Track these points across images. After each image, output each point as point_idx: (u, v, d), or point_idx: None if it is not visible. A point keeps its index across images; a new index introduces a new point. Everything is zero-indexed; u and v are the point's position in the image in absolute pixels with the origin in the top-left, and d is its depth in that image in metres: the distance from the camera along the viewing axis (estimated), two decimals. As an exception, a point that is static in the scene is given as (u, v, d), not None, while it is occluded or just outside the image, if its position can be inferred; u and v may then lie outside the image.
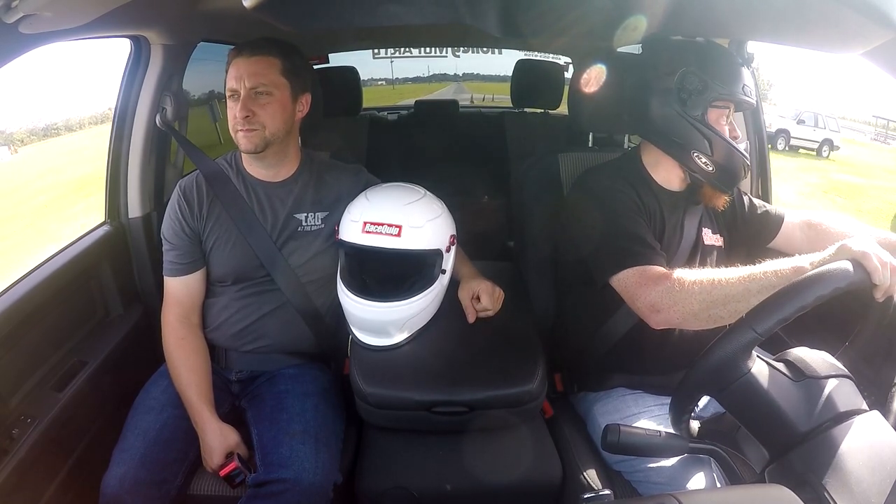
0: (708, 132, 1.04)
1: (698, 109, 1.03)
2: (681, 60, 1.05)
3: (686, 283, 0.89)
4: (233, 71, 1.09)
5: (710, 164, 1.05)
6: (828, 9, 0.75)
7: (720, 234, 1.17)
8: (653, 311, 0.92)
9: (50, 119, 10.03)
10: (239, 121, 1.08)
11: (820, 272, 0.70)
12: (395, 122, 2.97)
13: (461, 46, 4.00)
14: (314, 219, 1.18)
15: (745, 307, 0.75)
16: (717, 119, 1.04)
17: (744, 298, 0.83)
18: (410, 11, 0.85)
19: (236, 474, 1.02)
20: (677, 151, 1.07)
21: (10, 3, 0.71)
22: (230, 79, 1.09)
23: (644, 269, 0.96)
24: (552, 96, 2.44)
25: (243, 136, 1.09)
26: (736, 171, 1.07)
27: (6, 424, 1.01)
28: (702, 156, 1.05)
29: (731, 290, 0.85)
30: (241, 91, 1.08)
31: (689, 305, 0.88)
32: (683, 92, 1.03)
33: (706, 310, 0.87)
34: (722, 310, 0.86)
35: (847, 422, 0.66)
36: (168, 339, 1.14)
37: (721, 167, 1.05)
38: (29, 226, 6.18)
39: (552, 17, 0.96)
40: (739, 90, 1.03)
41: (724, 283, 0.86)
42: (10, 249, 5.10)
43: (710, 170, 1.05)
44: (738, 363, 0.70)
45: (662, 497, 0.55)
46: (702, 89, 1.02)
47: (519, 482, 1.05)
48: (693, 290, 0.88)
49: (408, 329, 1.11)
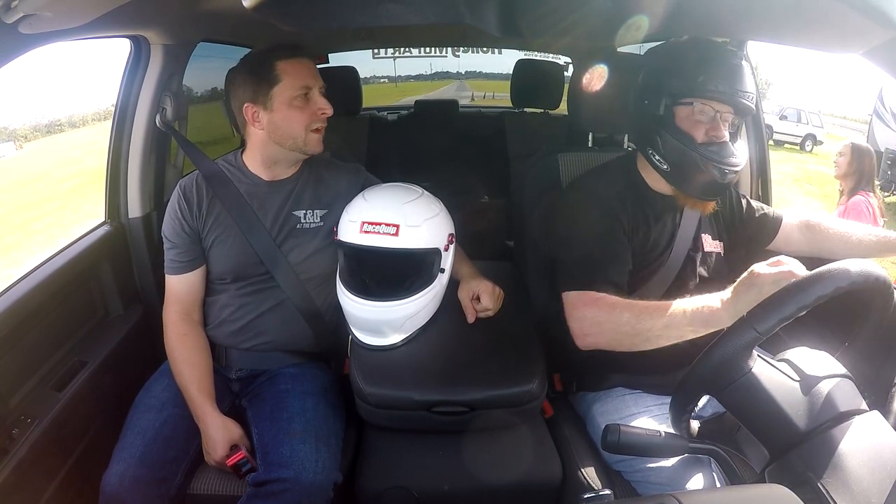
0: (661, 130, 1.03)
1: (658, 107, 1.02)
2: (650, 60, 1.06)
3: (614, 314, 0.95)
4: (301, 69, 1.10)
5: (663, 161, 1.04)
6: (828, 9, 0.75)
7: (720, 238, 1.17)
8: (581, 334, 1.00)
9: (52, 116, 10.15)
10: (321, 119, 1.12)
11: (820, 272, 0.70)
12: (394, 122, 2.97)
13: (461, 46, 4.00)
14: (313, 216, 1.18)
15: (665, 342, 0.90)
16: (687, 117, 1.02)
17: (663, 334, 0.91)
18: (410, 11, 0.85)
19: (243, 464, 1.02)
20: (639, 148, 1.09)
21: (10, 3, 0.71)
22: (301, 76, 1.10)
23: (582, 295, 1.01)
24: (552, 96, 2.44)
25: (318, 137, 1.14)
26: (689, 172, 1.02)
27: (6, 424, 1.01)
28: (655, 153, 1.05)
29: (653, 324, 0.91)
30: (315, 89, 1.11)
31: (614, 334, 0.95)
32: (644, 90, 1.05)
33: (629, 337, 0.94)
34: (644, 342, 0.93)
35: (847, 422, 0.66)
36: (169, 336, 1.14)
37: (675, 166, 1.03)
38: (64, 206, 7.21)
39: (552, 17, 0.96)
40: (701, 88, 0.98)
41: (648, 317, 0.91)
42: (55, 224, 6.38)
43: (664, 168, 1.05)
44: (739, 362, 0.70)
45: (662, 497, 0.55)
46: (658, 86, 1.02)
47: (519, 482, 1.05)
48: (619, 321, 0.94)
49: (407, 329, 1.11)
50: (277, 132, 1.12)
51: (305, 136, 1.12)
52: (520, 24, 0.94)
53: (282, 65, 1.09)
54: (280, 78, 1.09)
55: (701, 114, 1.01)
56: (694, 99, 1.00)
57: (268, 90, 1.09)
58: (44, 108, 9.93)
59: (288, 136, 1.12)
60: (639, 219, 1.09)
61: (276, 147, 1.14)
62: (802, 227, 1.20)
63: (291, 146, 1.13)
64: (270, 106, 1.10)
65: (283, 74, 1.09)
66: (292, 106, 1.10)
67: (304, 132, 1.11)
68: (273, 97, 1.09)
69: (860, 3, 0.69)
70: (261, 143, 1.14)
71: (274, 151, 1.15)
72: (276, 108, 1.10)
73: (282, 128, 1.11)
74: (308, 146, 1.13)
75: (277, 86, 1.09)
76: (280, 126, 1.11)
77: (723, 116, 1.01)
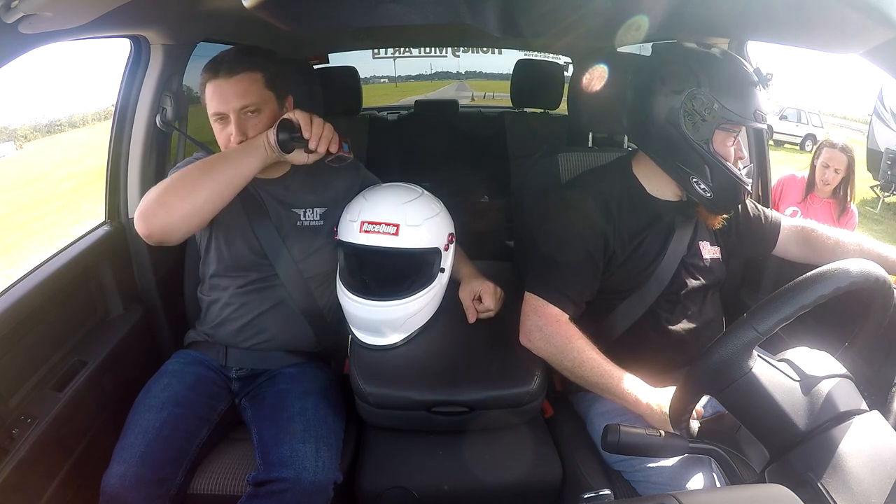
0: (710, 159, 0.99)
1: (704, 134, 0.97)
2: (691, 78, 0.96)
3: (565, 348, 1.01)
4: (214, 93, 1.05)
5: (708, 190, 1.02)
6: (828, 9, 0.75)
7: (717, 244, 1.17)
8: (527, 336, 1.06)
9: (52, 116, 10.18)
10: (234, 145, 1.06)
11: (820, 272, 0.70)
12: (395, 122, 2.97)
13: (461, 46, 4.00)
14: (313, 214, 1.18)
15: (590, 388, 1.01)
16: (723, 141, 0.99)
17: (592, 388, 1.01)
18: (410, 11, 0.85)
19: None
20: (676, 173, 1.04)
21: (10, 3, 0.71)
22: (212, 101, 1.06)
23: (546, 308, 1.05)
24: (552, 96, 2.44)
25: None
26: (735, 198, 1.04)
27: (6, 424, 1.01)
28: (701, 182, 1.01)
29: (588, 378, 1.00)
30: (229, 114, 1.05)
31: (553, 359, 1.03)
32: (690, 114, 0.97)
33: (563, 370, 1.03)
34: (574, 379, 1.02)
35: (847, 422, 0.66)
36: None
37: (719, 194, 1.02)
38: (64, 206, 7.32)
39: (552, 17, 0.96)
40: (751, 115, 0.96)
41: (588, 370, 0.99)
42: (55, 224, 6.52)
43: (707, 196, 1.02)
44: (739, 362, 0.70)
45: (662, 497, 0.55)
46: (710, 114, 0.96)
47: (519, 482, 1.05)
48: (564, 356, 1.01)
49: (407, 328, 1.11)
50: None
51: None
52: (520, 23, 0.94)
53: (204, 86, 1.07)
54: (204, 100, 1.08)
55: (731, 136, 1.00)
56: (745, 124, 0.98)
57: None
58: (44, 108, 9.99)
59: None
60: (631, 224, 1.09)
61: None
62: (798, 237, 1.21)
63: None
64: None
65: (205, 97, 1.07)
66: (217, 126, 1.08)
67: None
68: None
69: (860, 3, 0.68)
70: None
71: None
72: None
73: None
74: None
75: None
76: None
77: (739, 134, 1.02)
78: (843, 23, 0.77)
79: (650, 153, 1.07)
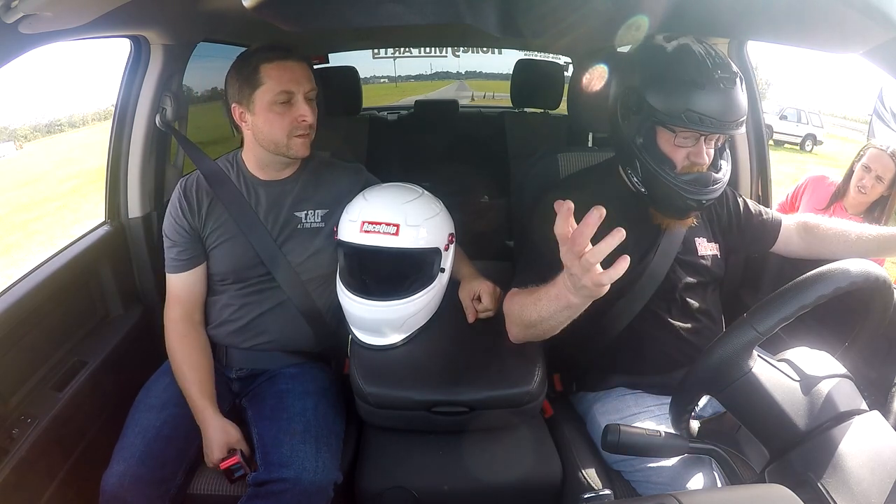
0: (641, 154, 0.97)
1: (636, 129, 0.97)
2: (633, 73, 0.98)
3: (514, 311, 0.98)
4: (284, 72, 1.07)
5: (641, 185, 1.01)
6: (828, 9, 0.75)
7: (716, 241, 1.16)
8: (508, 332, 1.03)
9: (52, 116, 10.19)
10: (301, 126, 1.09)
11: (821, 272, 0.70)
12: (395, 122, 2.97)
13: (461, 46, 4.00)
14: (314, 216, 1.18)
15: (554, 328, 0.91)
16: (668, 141, 0.97)
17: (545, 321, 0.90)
18: (410, 11, 0.85)
19: (236, 469, 1.02)
20: (620, 163, 1.07)
21: (10, 3, 0.71)
22: (282, 81, 1.07)
23: (509, 295, 1.02)
24: (552, 96, 2.44)
25: (302, 141, 1.11)
26: (666, 199, 0.99)
27: (6, 424, 1.01)
28: (633, 174, 1.01)
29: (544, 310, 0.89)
30: (298, 95, 1.08)
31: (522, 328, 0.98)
32: (625, 107, 0.99)
33: (526, 328, 0.96)
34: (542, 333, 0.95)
35: (847, 422, 0.66)
36: (170, 337, 1.14)
37: (652, 191, 1.00)
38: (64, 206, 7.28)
39: (552, 17, 0.95)
40: (679, 116, 0.91)
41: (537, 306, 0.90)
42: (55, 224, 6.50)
43: (642, 191, 1.02)
44: (739, 362, 0.70)
45: (662, 497, 0.55)
46: (638, 111, 0.96)
47: (519, 482, 1.05)
48: (519, 314, 0.96)
49: (407, 328, 1.11)
50: (260, 135, 1.11)
51: (288, 141, 1.10)
52: (520, 23, 0.94)
53: (265, 68, 1.07)
54: (262, 81, 1.07)
55: (684, 139, 0.96)
56: (677, 128, 0.94)
57: (250, 93, 1.07)
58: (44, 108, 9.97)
59: (270, 141, 1.10)
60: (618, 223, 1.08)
61: (261, 149, 1.13)
62: (800, 228, 1.19)
63: (274, 150, 1.11)
64: (253, 108, 1.08)
65: (266, 78, 1.07)
66: (272, 111, 1.07)
67: (286, 138, 1.09)
68: (255, 100, 1.08)
69: (860, 3, 0.68)
70: (251, 143, 1.14)
71: (261, 153, 1.14)
72: (258, 112, 1.08)
73: (263, 132, 1.10)
74: (291, 150, 1.11)
75: (259, 89, 1.07)
76: (262, 130, 1.10)
77: (708, 138, 0.96)
78: (843, 23, 0.77)
79: (611, 146, 1.09)
